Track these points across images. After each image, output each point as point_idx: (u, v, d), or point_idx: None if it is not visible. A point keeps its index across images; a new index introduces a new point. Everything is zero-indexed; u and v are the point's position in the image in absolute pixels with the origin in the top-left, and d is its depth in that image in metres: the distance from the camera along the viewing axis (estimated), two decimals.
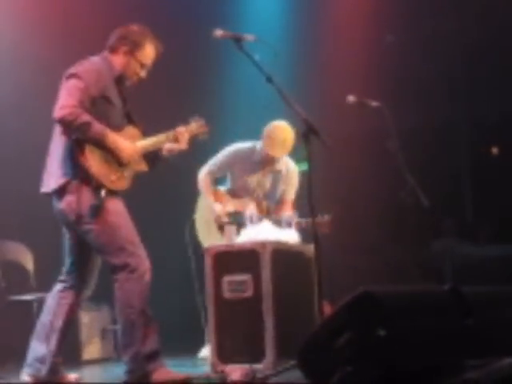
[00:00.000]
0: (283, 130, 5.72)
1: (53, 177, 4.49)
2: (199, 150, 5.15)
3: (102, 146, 4.44)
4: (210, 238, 5.81)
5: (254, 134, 5.94)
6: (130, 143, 4.58)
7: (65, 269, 4.68)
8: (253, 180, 5.90)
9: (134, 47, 4.65)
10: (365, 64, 7.73)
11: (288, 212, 5.62)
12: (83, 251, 4.61)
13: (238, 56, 4.40)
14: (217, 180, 6.00)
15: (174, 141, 4.76)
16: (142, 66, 4.69)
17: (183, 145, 4.78)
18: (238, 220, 5.63)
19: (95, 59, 4.66)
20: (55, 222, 4.62)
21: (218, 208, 5.83)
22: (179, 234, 6.03)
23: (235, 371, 4.35)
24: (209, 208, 5.93)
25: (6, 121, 6.88)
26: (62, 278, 4.67)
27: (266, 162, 5.85)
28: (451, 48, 7.98)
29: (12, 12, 7.05)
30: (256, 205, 5.64)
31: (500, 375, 3.19)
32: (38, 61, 6.97)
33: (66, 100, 4.37)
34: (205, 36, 4.58)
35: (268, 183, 5.92)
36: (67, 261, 4.68)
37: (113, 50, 4.68)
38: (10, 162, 6.87)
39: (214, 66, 7.60)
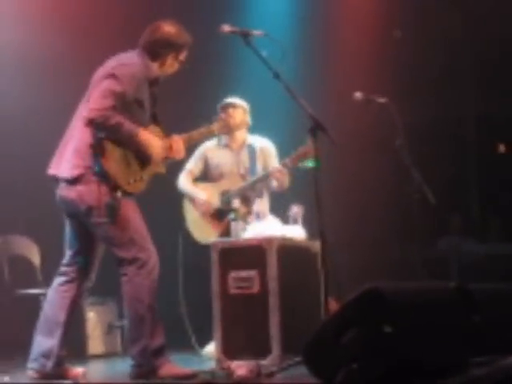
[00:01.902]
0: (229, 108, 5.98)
1: (66, 164, 4.44)
2: None
3: (131, 144, 4.41)
4: (203, 235, 5.89)
5: (264, 131, 6.00)
6: (160, 141, 4.57)
7: (65, 261, 4.65)
8: (227, 162, 6.05)
9: (178, 52, 4.67)
10: (372, 60, 7.72)
11: (294, 207, 5.63)
12: (86, 242, 4.59)
13: (247, 52, 4.39)
14: (197, 180, 6.15)
15: (168, 149, 4.68)
16: (181, 62, 4.73)
17: (178, 154, 4.72)
18: (227, 200, 5.88)
19: (135, 59, 4.58)
20: (61, 215, 4.61)
21: (202, 195, 5.98)
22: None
23: (241, 367, 4.35)
24: (193, 205, 6.02)
25: (12, 118, 6.89)
26: (62, 270, 4.64)
27: (232, 141, 6.07)
28: (459, 43, 7.96)
29: (20, 12, 7.05)
30: (238, 179, 5.93)
31: (506, 372, 3.18)
32: (46, 61, 6.97)
33: (99, 103, 4.33)
34: (212, 32, 4.58)
35: (246, 160, 6.04)
36: (68, 252, 4.64)
37: (156, 57, 4.62)
38: (16, 157, 6.88)
39: (222, 62, 7.60)
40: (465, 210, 8.22)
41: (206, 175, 6.17)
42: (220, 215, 5.91)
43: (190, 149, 5.90)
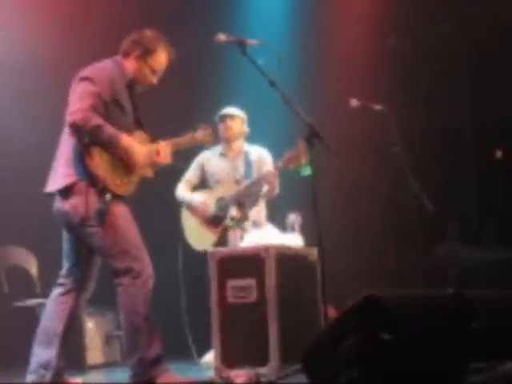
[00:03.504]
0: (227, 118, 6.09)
1: (58, 177, 4.47)
2: None
3: (114, 148, 4.41)
4: (201, 241, 5.91)
5: (260, 139, 6.01)
6: (144, 146, 4.58)
7: (63, 272, 4.64)
8: (223, 169, 6.14)
9: (146, 52, 4.65)
10: (367, 67, 7.72)
11: (292, 215, 5.63)
12: (82, 254, 4.58)
13: (242, 60, 4.40)
14: (195, 188, 6.22)
15: (155, 154, 4.68)
16: (154, 72, 4.69)
17: (165, 159, 4.71)
18: (222, 206, 5.94)
19: (107, 62, 4.63)
20: (59, 226, 4.61)
21: (199, 197, 6.03)
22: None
23: (240, 376, 4.35)
24: (190, 211, 6.05)
25: (8, 124, 6.90)
26: (60, 281, 4.63)
27: (229, 150, 6.16)
28: (454, 50, 7.97)
29: (17, 13, 7.06)
30: (233, 186, 5.97)
31: (504, 379, 3.18)
32: (42, 62, 6.98)
33: (77, 104, 4.35)
34: (208, 41, 4.58)
35: (242, 167, 6.11)
36: (66, 263, 4.64)
37: (125, 55, 4.67)
38: (13, 166, 6.87)
39: (217, 71, 7.61)
40: (462, 217, 8.21)
41: (203, 184, 6.22)
42: (216, 221, 5.94)
43: (188, 157, 5.97)
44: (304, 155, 5.35)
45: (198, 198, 6.06)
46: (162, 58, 4.69)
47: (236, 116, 6.10)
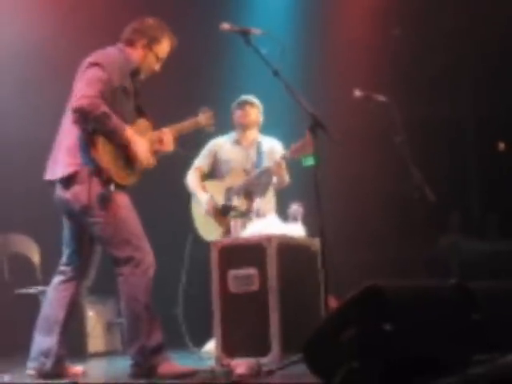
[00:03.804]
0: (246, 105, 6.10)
1: (60, 165, 4.46)
2: None
3: (117, 139, 4.40)
4: (209, 232, 5.90)
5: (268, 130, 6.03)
6: (145, 141, 4.56)
7: (63, 260, 4.65)
8: (236, 157, 6.10)
9: (151, 41, 4.66)
10: (371, 58, 7.71)
11: (294, 206, 5.63)
12: (83, 241, 4.58)
13: (246, 49, 4.39)
14: (206, 176, 6.16)
15: (158, 142, 4.70)
16: (158, 59, 4.71)
17: (168, 147, 4.73)
18: (231, 196, 5.91)
19: (112, 50, 4.62)
20: (61, 214, 4.61)
21: (204, 198, 5.96)
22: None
23: (240, 365, 4.34)
24: (199, 203, 6.03)
25: (10, 114, 6.89)
26: (61, 269, 4.64)
27: (243, 139, 6.14)
28: (458, 41, 7.95)
29: (19, 4, 7.05)
30: (243, 176, 5.94)
31: (506, 371, 3.18)
32: (43, 53, 6.97)
33: (86, 90, 4.33)
34: (212, 30, 4.58)
35: (254, 157, 6.09)
36: (66, 251, 4.64)
37: (130, 43, 4.66)
38: (15, 154, 6.87)
39: (221, 59, 7.60)
40: (465, 208, 8.20)
41: (214, 171, 6.17)
42: (224, 212, 5.91)
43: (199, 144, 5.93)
44: (311, 146, 5.35)
45: (204, 198, 5.98)
46: (166, 46, 4.71)
47: (255, 104, 6.11)
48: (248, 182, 5.90)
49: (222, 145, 6.17)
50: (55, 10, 7.06)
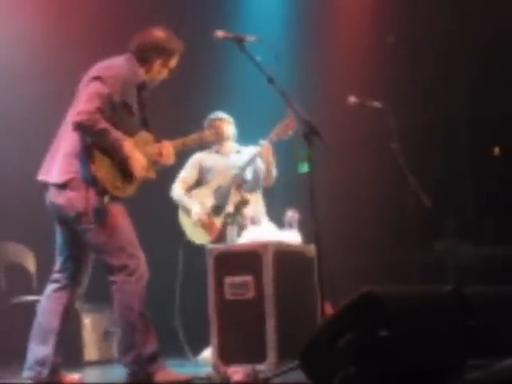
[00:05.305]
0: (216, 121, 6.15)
1: (56, 169, 4.44)
2: None
3: (115, 152, 4.39)
4: (198, 240, 5.94)
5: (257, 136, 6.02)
6: (143, 155, 4.54)
7: (57, 267, 4.62)
8: (219, 163, 6.15)
9: (167, 58, 4.67)
10: (366, 65, 7.73)
11: (290, 212, 5.63)
12: (75, 248, 4.56)
13: (241, 57, 4.39)
14: (191, 188, 6.18)
15: (157, 155, 4.68)
16: (170, 71, 4.74)
17: (167, 160, 4.73)
18: (222, 193, 5.95)
19: (119, 62, 4.59)
20: (51, 219, 4.59)
21: (195, 207, 5.98)
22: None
23: (237, 372, 4.34)
24: (186, 213, 6.04)
25: (8, 123, 6.88)
26: (54, 276, 4.61)
27: (222, 149, 6.21)
28: (452, 48, 7.97)
29: (25, 10, 7.06)
30: (229, 175, 5.98)
31: (502, 376, 3.18)
32: (40, 66, 6.99)
33: (85, 106, 4.33)
34: (206, 37, 4.58)
35: (236, 161, 6.11)
36: (59, 258, 4.61)
37: (143, 61, 4.62)
38: (12, 163, 6.86)
39: (215, 67, 7.61)
40: (461, 213, 8.21)
41: (200, 181, 6.20)
42: (216, 212, 5.92)
43: (181, 157, 5.95)
44: (292, 123, 5.44)
45: (195, 207, 5.99)
46: (177, 56, 4.73)
47: (225, 119, 6.19)
48: (236, 175, 5.93)
49: (204, 156, 6.24)
50: (47, 14, 7.07)
